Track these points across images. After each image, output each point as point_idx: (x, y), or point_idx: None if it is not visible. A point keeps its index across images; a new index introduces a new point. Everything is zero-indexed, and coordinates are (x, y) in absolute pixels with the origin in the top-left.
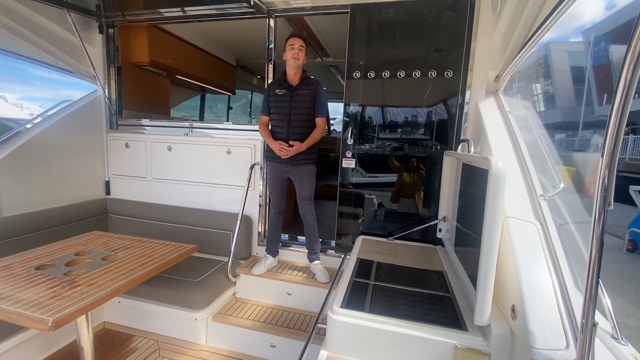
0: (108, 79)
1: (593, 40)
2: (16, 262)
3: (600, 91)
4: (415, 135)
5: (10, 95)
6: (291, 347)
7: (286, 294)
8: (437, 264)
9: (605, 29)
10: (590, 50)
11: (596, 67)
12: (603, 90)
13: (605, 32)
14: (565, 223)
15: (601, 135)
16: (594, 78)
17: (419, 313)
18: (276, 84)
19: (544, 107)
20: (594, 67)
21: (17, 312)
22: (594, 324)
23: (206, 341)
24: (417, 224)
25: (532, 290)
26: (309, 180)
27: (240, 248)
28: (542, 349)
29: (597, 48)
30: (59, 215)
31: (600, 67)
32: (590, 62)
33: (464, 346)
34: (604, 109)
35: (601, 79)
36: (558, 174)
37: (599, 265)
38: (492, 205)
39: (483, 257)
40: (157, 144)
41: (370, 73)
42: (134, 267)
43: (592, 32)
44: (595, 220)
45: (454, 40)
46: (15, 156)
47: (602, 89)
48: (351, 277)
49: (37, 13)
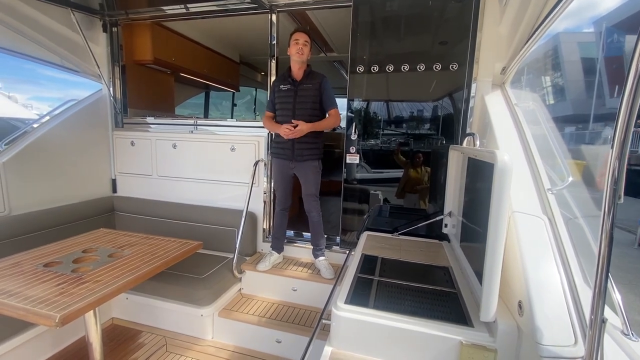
0: (113, 78)
1: (605, 31)
2: (25, 259)
3: (612, 83)
4: (421, 130)
5: (20, 95)
6: (296, 342)
7: (291, 290)
8: (442, 260)
9: (618, 19)
10: (601, 41)
11: (608, 58)
12: (615, 82)
13: (618, 21)
14: (574, 217)
15: (612, 127)
16: (606, 69)
17: (424, 309)
18: (280, 80)
19: (554, 100)
20: (605, 58)
21: (26, 308)
22: (603, 319)
23: (212, 337)
24: (422, 219)
25: (540, 286)
26: (314, 176)
27: (245, 244)
28: (550, 345)
29: (609, 38)
30: (67, 213)
31: (612, 58)
32: (601, 53)
33: (470, 342)
34: (616, 101)
35: (613, 70)
36: (566, 167)
37: (608, 259)
38: (498, 200)
39: (489, 252)
40: (162, 142)
41: (374, 67)
42: (139, 264)
43: (603, 22)
44: (604, 214)
45: (459, 32)
46: (24, 155)
47: (614, 81)
48: (356, 273)
49: (41, 13)
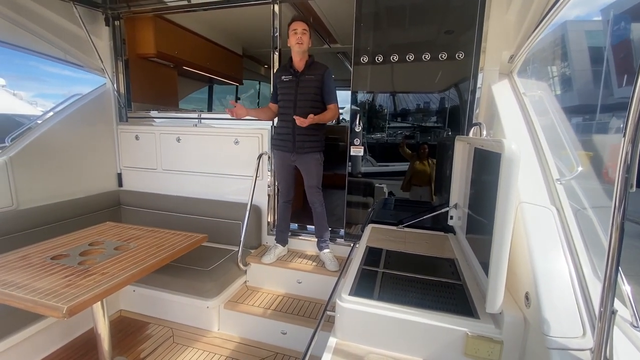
0: (116, 72)
1: (612, 18)
2: (33, 252)
3: (619, 72)
4: (427, 122)
5: (24, 92)
6: (301, 334)
7: (296, 282)
8: (448, 252)
9: (627, 6)
10: (609, 29)
11: (615, 47)
12: (623, 71)
13: (626, 9)
14: (583, 208)
15: (620, 118)
16: (613, 58)
17: (429, 301)
18: (282, 70)
19: (560, 90)
20: (613, 46)
21: (34, 300)
22: (612, 311)
23: (218, 328)
24: (427, 211)
25: (547, 277)
26: (316, 168)
27: (250, 237)
28: (557, 337)
29: (616, 26)
30: (73, 208)
31: (620, 46)
32: (609, 41)
33: (475, 334)
34: (624, 91)
35: (621, 59)
36: (576, 157)
37: (619, 251)
38: (505, 190)
39: (495, 243)
40: (166, 136)
41: (378, 57)
42: (145, 257)
43: (611, 10)
44: (615, 203)
45: (465, 21)
46: (30, 151)
47: (621, 70)
48: (360, 265)
49: (43, 7)
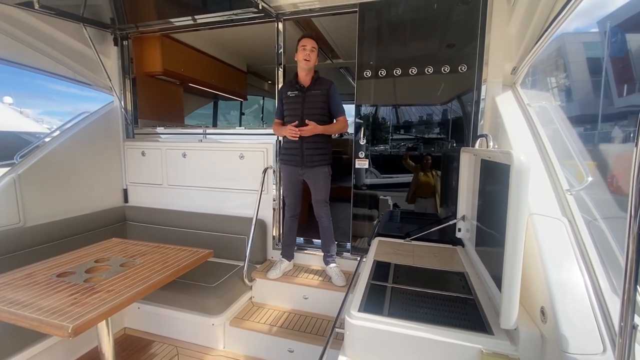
0: (124, 90)
1: (609, 30)
2: (39, 269)
3: (619, 82)
4: (430, 134)
5: (31, 110)
6: (309, 352)
7: (302, 298)
8: (457, 265)
9: (622, 18)
10: (606, 41)
11: (614, 58)
12: (623, 81)
13: (622, 20)
14: (594, 219)
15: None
16: (612, 69)
17: (441, 316)
18: (288, 86)
19: (560, 101)
20: (611, 57)
21: (39, 319)
22: (633, 325)
23: (224, 346)
24: (434, 224)
25: (563, 291)
26: (324, 182)
27: (255, 252)
28: (577, 353)
29: (614, 38)
30: (79, 224)
31: (619, 57)
32: (607, 52)
33: (490, 351)
34: (624, 100)
35: (620, 69)
36: (585, 167)
37: (637, 262)
38: (515, 202)
39: (508, 256)
40: (172, 151)
41: (382, 72)
42: (151, 273)
43: (607, 22)
44: (631, 213)
45: (466, 34)
46: (38, 168)
47: (621, 80)
48: (368, 280)
49: (55, 29)
